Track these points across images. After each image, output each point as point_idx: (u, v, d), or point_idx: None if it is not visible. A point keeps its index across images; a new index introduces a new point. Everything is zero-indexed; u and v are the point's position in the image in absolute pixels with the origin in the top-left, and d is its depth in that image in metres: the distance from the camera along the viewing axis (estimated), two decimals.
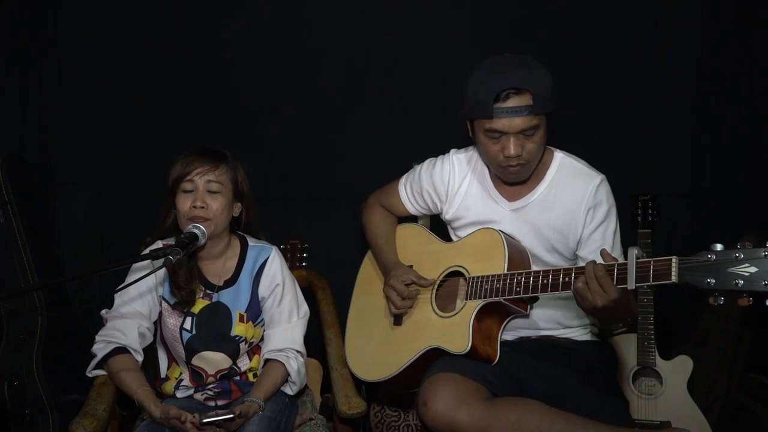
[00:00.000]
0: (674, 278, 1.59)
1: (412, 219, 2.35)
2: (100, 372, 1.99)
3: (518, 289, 1.89)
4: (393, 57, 2.86)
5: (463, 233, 2.13)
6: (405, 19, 2.84)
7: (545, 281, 1.84)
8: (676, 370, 2.58)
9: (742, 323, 2.65)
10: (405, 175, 2.27)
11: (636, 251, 1.65)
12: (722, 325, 2.67)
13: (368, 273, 2.35)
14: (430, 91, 2.84)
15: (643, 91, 2.84)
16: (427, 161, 2.22)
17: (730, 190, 2.86)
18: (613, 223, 2.02)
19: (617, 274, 1.69)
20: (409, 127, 2.85)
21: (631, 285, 1.65)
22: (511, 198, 2.05)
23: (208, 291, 2.03)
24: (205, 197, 1.94)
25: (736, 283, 1.51)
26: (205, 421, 1.80)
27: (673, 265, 1.59)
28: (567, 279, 1.79)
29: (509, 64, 1.90)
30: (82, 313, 2.74)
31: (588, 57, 2.80)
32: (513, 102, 1.86)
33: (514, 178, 1.99)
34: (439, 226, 2.29)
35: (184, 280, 1.98)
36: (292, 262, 2.60)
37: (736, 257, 1.52)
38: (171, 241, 2.01)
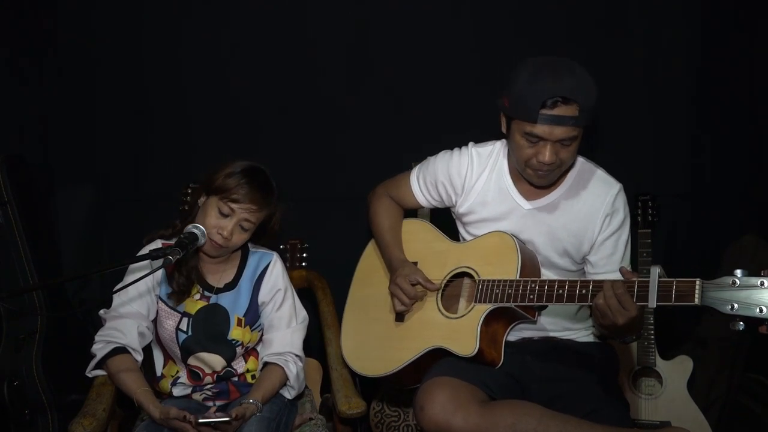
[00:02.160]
0: (697, 300, 1.57)
1: (412, 213, 2.32)
2: (100, 372, 1.98)
3: (531, 296, 1.86)
4: (393, 57, 2.86)
5: (474, 229, 2.11)
6: (405, 19, 2.84)
7: (560, 291, 1.81)
8: (676, 370, 2.58)
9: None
10: (417, 167, 2.24)
11: (658, 270, 1.64)
12: (722, 325, 2.67)
13: (371, 263, 2.31)
14: (430, 91, 2.85)
15: (643, 92, 2.85)
16: (443, 152, 2.18)
17: (730, 190, 2.86)
18: (626, 233, 2.02)
19: (637, 291, 1.67)
20: (409, 128, 2.85)
21: (652, 304, 1.63)
22: (529, 197, 2.04)
23: (206, 293, 2.03)
24: (234, 230, 1.93)
25: (760, 310, 1.50)
26: (201, 421, 1.80)
27: (697, 287, 1.58)
28: (584, 291, 1.77)
29: (561, 71, 1.84)
30: (82, 313, 2.74)
31: (588, 57, 2.76)
32: (559, 111, 1.81)
33: (540, 182, 1.98)
34: (439, 223, 2.28)
35: (186, 269, 1.98)
36: (292, 262, 2.60)
37: (761, 284, 1.51)
38: (170, 241, 2.01)
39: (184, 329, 1.99)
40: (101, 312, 2.03)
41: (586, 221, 1.99)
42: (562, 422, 1.76)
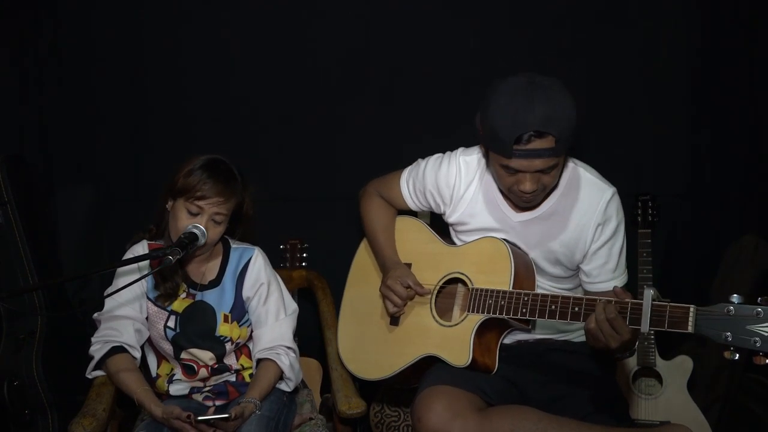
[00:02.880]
0: (690, 328, 1.55)
1: (412, 212, 2.31)
2: (99, 373, 1.99)
3: (524, 310, 1.85)
4: (393, 57, 2.85)
5: (465, 237, 2.09)
6: (405, 19, 2.83)
7: (553, 307, 1.79)
8: (676, 370, 2.58)
9: None
10: (407, 169, 2.21)
11: (652, 292, 1.60)
12: None
13: (364, 263, 2.31)
14: (430, 91, 2.84)
15: (643, 91, 2.84)
16: (433, 158, 2.14)
17: (730, 190, 2.85)
18: (620, 240, 1.97)
19: (630, 314, 1.65)
20: (408, 127, 2.85)
21: (644, 328, 1.61)
22: (518, 210, 2.00)
23: (191, 291, 2.03)
24: (207, 226, 1.92)
25: (755, 342, 1.48)
26: (200, 418, 1.80)
27: (691, 314, 1.55)
28: (576, 309, 1.75)
29: (534, 98, 1.73)
30: (82, 313, 2.74)
31: (588, 57, 2.80)
32: (535, 144, 1.74)
33: (526, 206, 1.96)
34: (439, 223, 2.28)
35: (169, 272, 1.98)
36: (292, 262, 2.60)
37: (757, 314, 1.48)
38: (155, 242, 2.03)
39: (173, 326, 2.00)
40: (95, 315, 2.02)
41: (578, 231, 1.95)
42: (560, 424, 1.75)
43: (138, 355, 1.99)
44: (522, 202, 1.92)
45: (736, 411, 2.65)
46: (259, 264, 2.08)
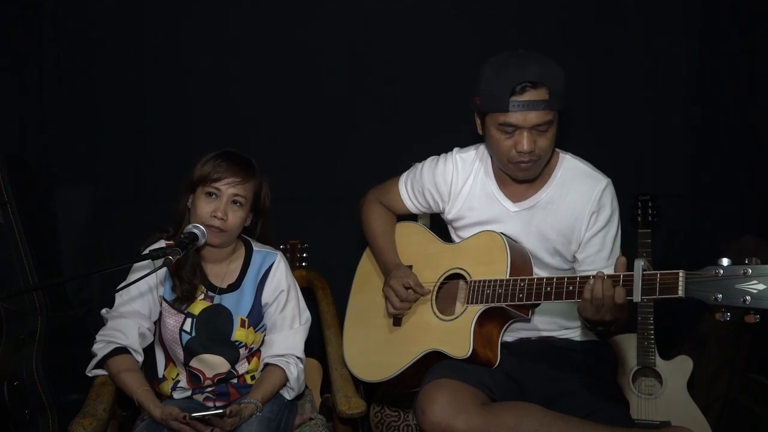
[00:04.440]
0: (681, 293, 1.57)
1: (412, 217, 2.34)
2: (100, 372, 1.99)
3: (521, 295, 1.87)
4: (393, 57, 2.86)
5: (464, 233, 2.11)
6: (405, 18, 2.84)
7: (548, 289, 1.81)
8: (676, 370, 2.58)
9: (742, 324, 2.65)
10: (405, 173, 2.25)
11: (642, 263, 1.62)
12: (722, 325, 2.67)
13: (367, 270, 2.33)
14: (430, 90, 2.85)
15: (643, 91, 2.84)
16: (429, 159, 2.19)
17: (730, 190, 2.86)
18: (614, 228, 2.00)
19: (622, 285, 1.67)
20: (409, 127, 2.85)
21: (637, 298, 1.63)
22: (515, 199, 2.04)
23: (209, 293, 2.02)
24: (227, 209, 1.93)
25: (744, 300, 1.49)
26: (194, 415, 1.79)
27: (680, 279, 1.57)
28: (571, 288, 1.77)
29: (525, 59, 1.87)
30: (82, 313, 2.74)
31: (588, 57, 2.80)
32: (529, 96, 1.83)
33: (524, 175, 1.97)
34: (439, 225, 2.28)
35: (188, 275, 1.98)
36: (292, 262, 2.60)
37: (744, 273, 1.49)
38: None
39: (188, 330, 1.99)
40: (103, 311, 2.03)
41: (573, 220, 1.98)
42: (564, 423, 1.76)
43: (140, 358, 1.99)
44: (520, 171, 1.94)
45: (736, 411, 2.65)
46: (281, 270, 2.08)
